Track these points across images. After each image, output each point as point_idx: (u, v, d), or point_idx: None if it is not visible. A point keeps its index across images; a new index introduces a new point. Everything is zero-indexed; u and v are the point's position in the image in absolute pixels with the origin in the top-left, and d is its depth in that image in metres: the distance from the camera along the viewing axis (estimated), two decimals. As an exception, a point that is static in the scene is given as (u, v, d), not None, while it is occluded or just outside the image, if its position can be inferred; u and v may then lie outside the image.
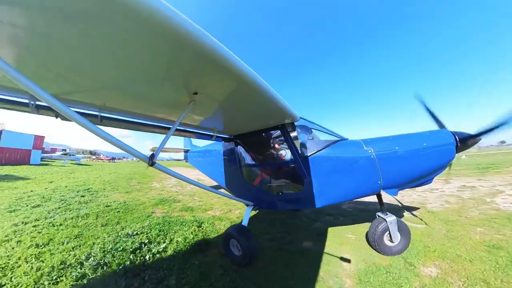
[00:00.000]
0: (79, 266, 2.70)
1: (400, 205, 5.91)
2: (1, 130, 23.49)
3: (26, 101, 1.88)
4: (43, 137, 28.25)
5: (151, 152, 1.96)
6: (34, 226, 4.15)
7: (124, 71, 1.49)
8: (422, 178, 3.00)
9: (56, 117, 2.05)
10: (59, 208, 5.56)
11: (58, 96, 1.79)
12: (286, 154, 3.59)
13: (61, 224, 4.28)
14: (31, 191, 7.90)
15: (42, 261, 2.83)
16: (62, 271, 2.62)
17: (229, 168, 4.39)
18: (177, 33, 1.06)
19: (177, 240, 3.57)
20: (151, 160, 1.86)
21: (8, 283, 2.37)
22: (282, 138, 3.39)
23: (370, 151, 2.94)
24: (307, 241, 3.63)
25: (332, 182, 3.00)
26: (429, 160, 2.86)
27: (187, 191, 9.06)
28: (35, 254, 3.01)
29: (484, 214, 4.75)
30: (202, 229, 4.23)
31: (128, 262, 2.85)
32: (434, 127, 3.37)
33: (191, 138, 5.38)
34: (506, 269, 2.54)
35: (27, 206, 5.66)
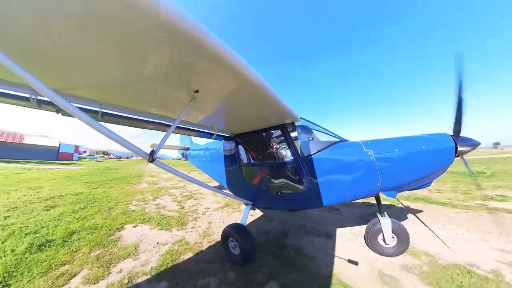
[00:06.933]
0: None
1: (403, 206, 5.82)
2: (60, 143, 45.33)
3: (27, 95, 1.87)
4: (78, 146, 52.75)
5: (151, 149, 1.97)
6: (95, 166, 28.93)
7: (125, 68, 1.47)
8: (420, 181, 2.97)
9: (57, 113, 2.05)
10: (97, 169, 22.89)
11: (59, 91, 1.77)
12: (286, 154, 3.56)
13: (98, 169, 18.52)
14: (86, 167, 23.66)
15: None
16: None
17: (229, 167, 4.38)
18: (179, 31, 1.05)
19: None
20: (151, 157, 1.87)
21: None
22: (282, 138, 3.43)
23: (369, 152, 2.92)
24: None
25: (331, 183, 3.00)
26: (428, 163, 2.82)
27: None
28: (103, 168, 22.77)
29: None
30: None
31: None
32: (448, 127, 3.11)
33: (191, 136, 5.46)
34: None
35: (91, 167, 24.37)
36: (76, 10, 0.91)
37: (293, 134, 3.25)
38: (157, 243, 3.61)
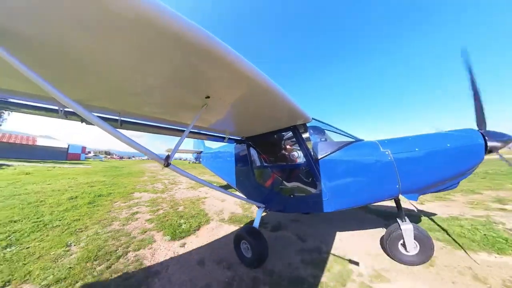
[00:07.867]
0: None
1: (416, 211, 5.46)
2: (68, 145, 50.19)
3: (56, 108, 2.08)
4: (85, 147, 59.94)
5: (167, 153, 1.95)
6: (103, 165, 31.91)
7: (141, 78, 1.58)
8: (445, 182, 2.74)
9: (82, 122, 2.15)
10: (106, 167, 26.59)
11: (82, 103, 1.94)
12: (298, 156, 3.48)
13: (106, 167, 26.26)
14: (95, 166, 28.36)
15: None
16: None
17: (241, 169, 4.45)
18: (189, 40, 1.12)
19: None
20: (166, 161, 1.87)
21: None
22: (294, 139, 3.42)
23: (387, 152, 2.75)
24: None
25: (346, 186, 2.87)
26: (453, 163, 2.58)
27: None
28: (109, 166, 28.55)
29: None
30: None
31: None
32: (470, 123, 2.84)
33: (204, 140, 5.45)
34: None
35: (99, 166, 28.24)
36: (94, 25, 0.98)
37: (305, 135, 3.19)
38: (150, 197, 7.99)
